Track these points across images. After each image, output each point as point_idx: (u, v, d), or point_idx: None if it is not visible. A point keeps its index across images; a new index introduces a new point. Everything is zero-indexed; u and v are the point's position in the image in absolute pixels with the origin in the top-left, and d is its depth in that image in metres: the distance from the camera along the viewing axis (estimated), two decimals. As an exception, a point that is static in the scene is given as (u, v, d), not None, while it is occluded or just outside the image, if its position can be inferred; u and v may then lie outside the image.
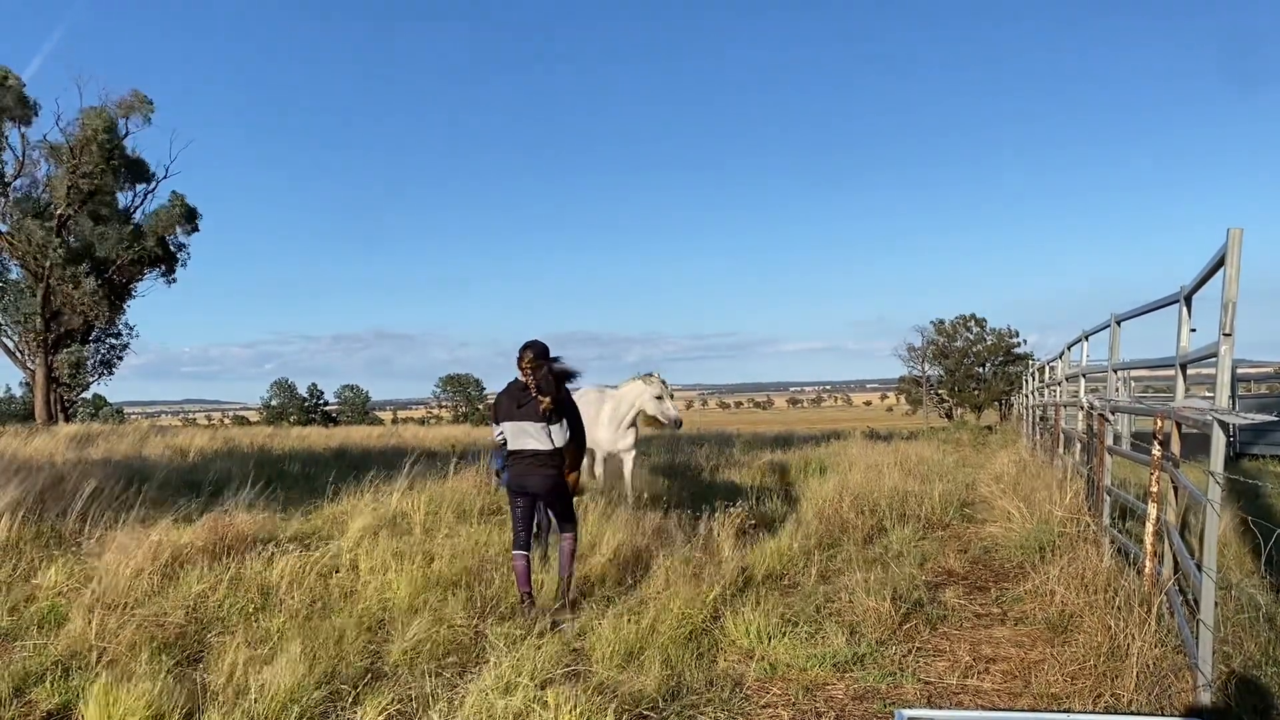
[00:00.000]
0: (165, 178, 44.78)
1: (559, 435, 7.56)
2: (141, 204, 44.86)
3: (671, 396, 12.48)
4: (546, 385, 7.51)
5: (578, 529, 7.98)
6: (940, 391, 66.71)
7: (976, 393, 62.85)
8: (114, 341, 47.40)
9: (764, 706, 5.59)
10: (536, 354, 7.54)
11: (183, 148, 73.94)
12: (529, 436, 7.55)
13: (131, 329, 47.63)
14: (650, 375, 12.48)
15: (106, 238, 41.17)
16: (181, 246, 45.54)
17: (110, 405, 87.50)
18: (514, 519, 7.73)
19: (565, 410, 7.75)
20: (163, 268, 45.36)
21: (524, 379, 7.55)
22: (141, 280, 45.15)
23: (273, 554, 8.50)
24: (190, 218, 44.86)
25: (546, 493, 7.67)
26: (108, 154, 40.84)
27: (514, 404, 7.63)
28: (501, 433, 7.71)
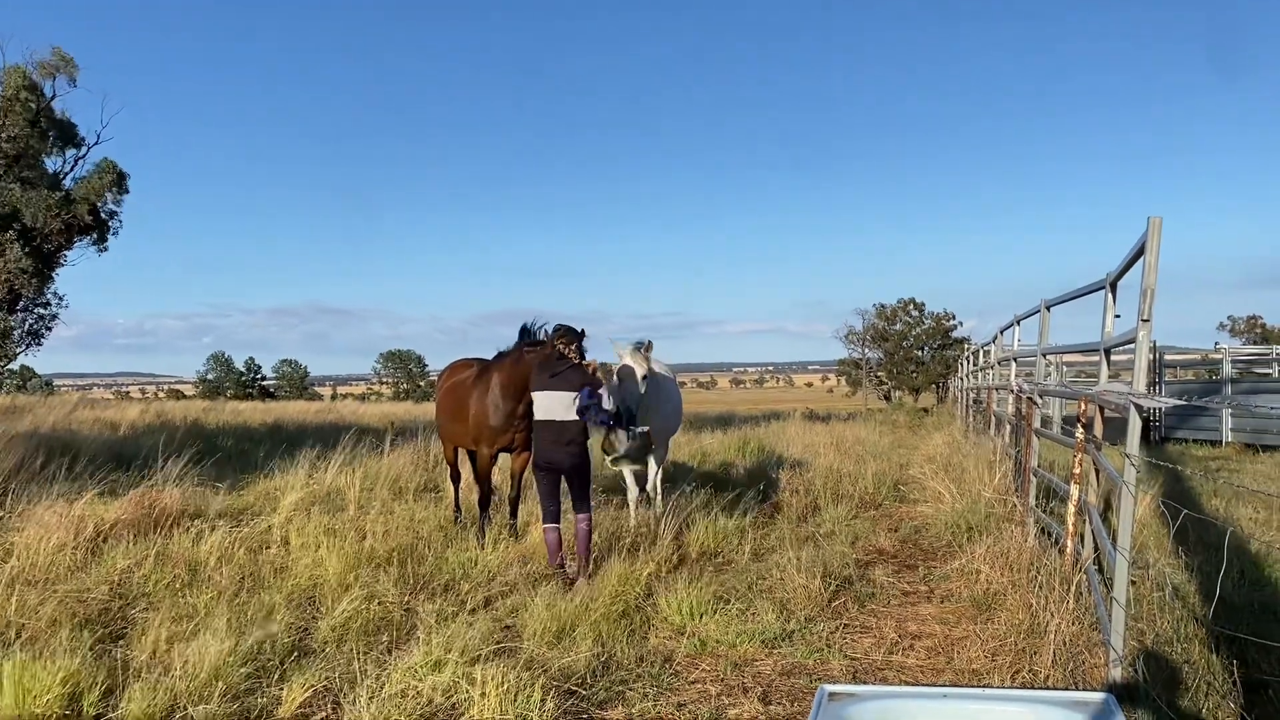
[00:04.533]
0: (97, 143, 43.22)
1: None
2: (72, 169, 43.36)
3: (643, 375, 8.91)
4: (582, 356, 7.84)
5: (592, 510, 7.96)
6: (879, 374, 67.53)
7: (915, 375, 63.75)
8: (42, 311, 45.90)
9: (693, 682, 5.65)
10: (568, 331, 7.87)
11: (115, 113, 71.64)
12: (559, 407, 7.58)
13: (61, 299, 46.08)
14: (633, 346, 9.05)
15: (33, 203, 39.85)
16: (113, 214, 44.17)
17: (39, 377, 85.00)
18: (540, 494, 7.80)
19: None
20: (94, 236, 44.02)
21: (560, 350, 7.74)
22: (71, 249, 43.82)
23: (202, 530, 8.36)
24: (120, 182, 43.55)
25: (571, 469, 7.67)
26: (33, 116, 39.48)
27: (546, 373, 7.69)
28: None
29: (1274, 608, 6.57)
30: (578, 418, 7.63)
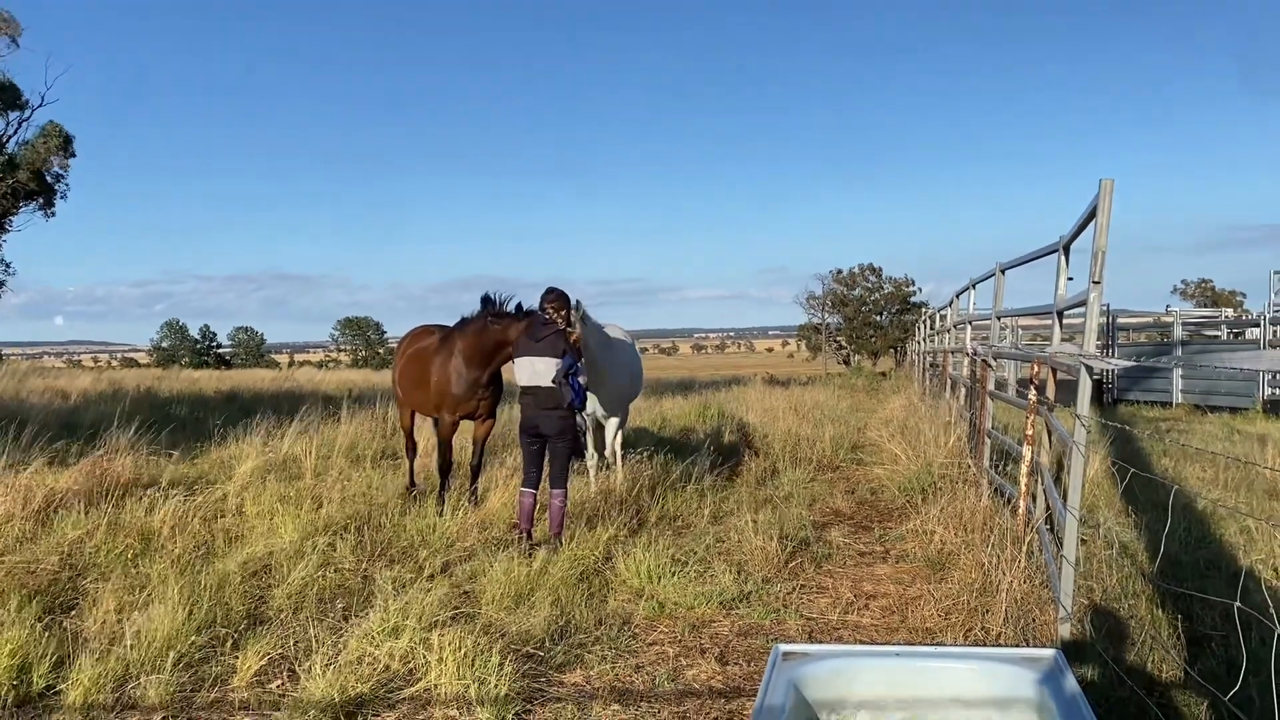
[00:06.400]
0: (41, 105, 42.05)
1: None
2: (15, 132, 42.27)
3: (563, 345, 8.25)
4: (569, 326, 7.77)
5: (568, 486, 7.79)
6: (839, 339, 68.11)
7: (874, 340, 64.36)
8: (-13, 279, 44.94)
9: (651, 644, 5.69)
10: (559, 296, 7.75)
11: (60, 74, 69.46)
12: (541, 372, 7.46)
13: (8, 265, 45.14)
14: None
15: (-25, 167, 38.75)
16: (60, 178, 43.16)
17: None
18: (524, 457, 7.75)
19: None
20: (40, 200, 42.98)
21: (549, 315, 7.67)
22: (16, 214, 42.73)
23: (155, 498, 8.24)
24: (67, 145, 42.45)
25: (556, 435, 7.55)
26: (-27, 78, 38.28)
27: (531, 339, 7.60)
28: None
29: (1218, 564, 6.73)
30: (555, 385, 7.48)
